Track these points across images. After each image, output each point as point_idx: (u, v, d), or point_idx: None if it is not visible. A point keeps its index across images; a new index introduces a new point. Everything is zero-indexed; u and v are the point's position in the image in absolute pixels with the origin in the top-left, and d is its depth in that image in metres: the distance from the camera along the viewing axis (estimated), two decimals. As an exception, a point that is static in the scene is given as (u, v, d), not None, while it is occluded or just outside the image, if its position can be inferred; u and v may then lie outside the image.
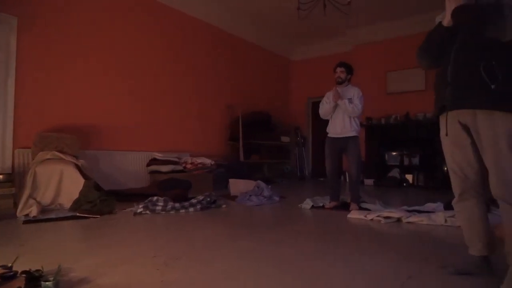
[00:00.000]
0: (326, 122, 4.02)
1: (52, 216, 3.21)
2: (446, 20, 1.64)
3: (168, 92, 5.80)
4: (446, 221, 2.95)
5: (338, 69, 3.90)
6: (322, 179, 8.17)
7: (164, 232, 2.71)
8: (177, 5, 5.93)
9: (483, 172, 1.63)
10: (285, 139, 8.19)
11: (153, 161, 5.17)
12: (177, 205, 3.63)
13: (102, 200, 3.44)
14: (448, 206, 3.28)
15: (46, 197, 3.60)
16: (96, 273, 1.68)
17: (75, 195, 3.52)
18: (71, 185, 3.65)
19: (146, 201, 3.62)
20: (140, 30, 5.36)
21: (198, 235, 2.58)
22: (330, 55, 7.80)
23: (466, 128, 1.64)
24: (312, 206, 3.92)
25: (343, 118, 3.80)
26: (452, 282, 1.61)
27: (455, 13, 1.57)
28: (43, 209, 3.43)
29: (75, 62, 4.54)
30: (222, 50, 6.93)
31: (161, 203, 3.59)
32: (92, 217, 3.20)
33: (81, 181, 3.67)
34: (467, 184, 1.69)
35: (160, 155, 5.23)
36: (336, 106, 3.82)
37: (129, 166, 5.11)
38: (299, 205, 3.99)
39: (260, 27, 7.47)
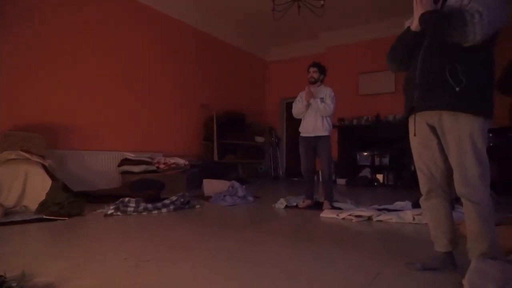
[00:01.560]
0: (300, 123, 4.06)
1: (17, 219, 3.06)
2: (414, 25, 1.70)
3: (141, 91, 5.67)
4: (414, 219, 3.06)
5: (311, 69, 3.96)
6: (296, 179, 8.27)
7: (136, 234, 2.66)
8: (151, 3, 5.82)
9: (449, 172, 1.71)
10: (259, 139, 8.22)
11: (125, 161, 5.04)
12: (149, 205, 3.56)
13: (70, 202, 3.31)
14: (416, 205, 3.40)
15: (9, 199, 3.43)
16: (63, 278, 1.62)
17: (42, 197, 3.38)
18: (38, 186, 3.50)
19: (117, 202, 3.53)
20: (113, 28, 5.22)
21: (171, 236, 2.54)
22: (304, 57, 7.89)
23: (433, 129, 1.71)
24: (286, 206, 3.96)
25: (315, 118, 3.86)
26: (418, 278, 1.68)
27: (422, 18, 1.63)
28: (7, 212, 3.26)
29: (43, 59, 4.35)
30: (196, 49, 6.86)
31: (133, 204, 3.50)
32: (60, 219, 3.09)
33: (48, 182, 3.53)
34: (434, 183, 1.77)
35: (132, 155, 5.11)
36: (308, 105, 3.88)
37: (100, 166, 4.96)
38: (273, 205, 4.02)
39: (236, 27, 7.46)
